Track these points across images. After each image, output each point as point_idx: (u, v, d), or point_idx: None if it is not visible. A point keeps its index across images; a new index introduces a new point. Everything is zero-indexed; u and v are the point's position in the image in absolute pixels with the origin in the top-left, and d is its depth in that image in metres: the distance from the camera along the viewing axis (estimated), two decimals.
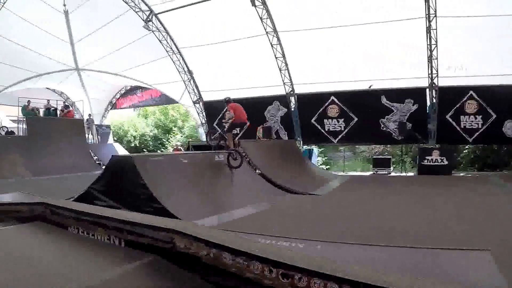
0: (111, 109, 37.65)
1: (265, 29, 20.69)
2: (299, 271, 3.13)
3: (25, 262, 4.71)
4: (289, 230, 7.56)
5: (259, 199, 12.01)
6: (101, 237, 5.18)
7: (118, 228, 4.88)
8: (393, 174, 22.00)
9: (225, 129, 14.75)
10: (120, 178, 10.29)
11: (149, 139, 42.01)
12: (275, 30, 20.67)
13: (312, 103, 22.74)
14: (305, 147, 23.87)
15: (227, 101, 15.16)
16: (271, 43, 21.16)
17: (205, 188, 11.19)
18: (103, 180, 10.80)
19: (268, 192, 13.20)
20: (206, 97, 26.27)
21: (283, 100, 23.49)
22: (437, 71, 19.57)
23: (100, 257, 4.53)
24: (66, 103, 32.01)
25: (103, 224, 5.11)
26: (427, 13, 17.89)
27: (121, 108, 38.83)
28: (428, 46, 18.94)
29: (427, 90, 20.39)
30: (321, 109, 22.41)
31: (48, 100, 28.74)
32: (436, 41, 18.65)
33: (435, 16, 17.86)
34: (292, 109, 23.47)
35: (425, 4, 17.60)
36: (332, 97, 21.97)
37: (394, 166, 24.08)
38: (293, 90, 22.85)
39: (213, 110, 26.09)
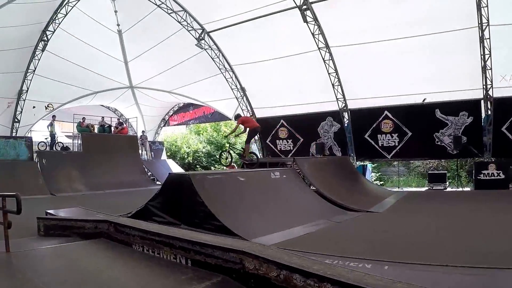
0: (164, 126, 38.19)
1: (317, 45, 20.56)
2: None
3: (92, 278, 4.77)
4: (352, 250, 7.40)
5: (316, 217, 11.82)
6: (167, 256, 5.21)
7: (185, 248, 4.89)
8: (448, 189, 21.47)
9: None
10: (178, 196, 10.33)
11: (202, 155, 42.21)
12: (327, 46, 20.53)
13: (365, 119, 22.43)
14: (358, 163, 23.57)
15: (236, 116, 17.26)
16: (323, 59, 21.00)
17: (262, 205, 11.11)
18: (161, 197, 10.86)
19: (325, 210, 12.98)
20: (259, 114, 26.17)
21: (336, 116, 23.21)
22: (491, 81, 18.99)
23: (168, 275, 4.55)
24: (120, 120, 32.54)
25: (170, 244, 5.14)
26: (479, 22, 17.43)
27: (174, 125, 39.35)
28: (482, 56, 18.42)
29: (482, 101, 19.79)
30: (374, 124, 22.07)
31: (103, 117, 29.44)
32: (490, 51, 18.13)
33: (488, 25, 17.40)
34: (345, 125, 23.14)
35: (477, 13, 17.18)
36: (386, 112, 21.64)
37: (449, 181, 23.51)
38: (346, 105, 22.59)
39: (266, 126, 25.69)
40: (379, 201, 16.12)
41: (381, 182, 29.77)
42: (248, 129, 16.56)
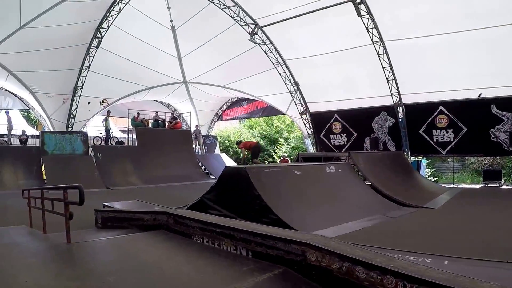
0: (217, 120, 38.54)
1: (371, 39, 20.30)
2: (435, 287, 3.02)
3: (154, 268, 4.84)
4: (409, 245, 7.32)
5: (371, 212, 11.74)
6: (228, 247, 5.24)
7: (247, 240, 4.91)
8: (504, 186, 20.93)
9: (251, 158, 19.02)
10: (234, 189, 10.41)
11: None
12: (381, 40, 20.24)
13: (420, 113, 22.05)
14: (413, 158, 23.24)
15: (237, 142, 19.96)
16: (377, 53, 20.70)
17: (317, 200, 11.08)
18: (217, 190, 10.96)
19: (380, 205, 12.86)
20: (313, 108, 26.08)
21: (390, 110, 22.90)
22: None
23: (229, 266, 4.58)
24: (174, 115, 32.97)
25: (231, 235, 5.17)
26: None
27: (227, 120, 39.65)
28: None
29: None
30: (429, 119, 21.66)
31: (157, 112, 29.93)
32: None
33: None
34: (400, 120, 22.81)
35: None
36: (441, 107, 21.19)
37: (505, 178, 22.96)
38: (400, 100, 22.24)
39: (320, 121, 26.00)
40: (434, 197, 15.93)
41: (435, 179, 29.27)
42: (251, 149, 19.11)
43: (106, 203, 11.68)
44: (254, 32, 22.86)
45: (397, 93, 21.97)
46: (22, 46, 22.24)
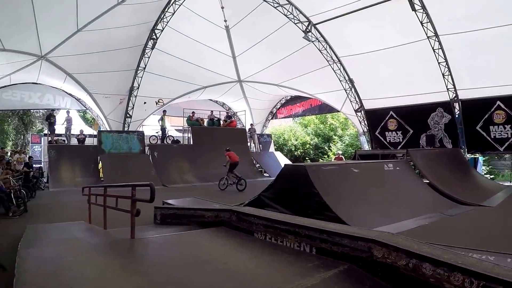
0: (271, 118, 38.48)
1: (426, 34, 19.95)
2: (503, 284, 3.01)
3: (220, 263, 4.92)
4: (470, 242, 7.23)
5: (429, 209, 11.64)
6: (291, 244, 5.29)
7: (311, 236, 4.96)
8: None
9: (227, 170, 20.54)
10: (292, 187, 10.46)
11: (310, 148, 42.28)
12: (436, 34, 19.86)
13: (477, 109, 21.48)
14: (469, 155, 22.79)
15: (227, 150, 21.42)
16: (432, 48, 20.35)
17: (375, 197, 11.04)
18: (274, 187, 11.04)
19: (437, 203, 12.74)
20: (368, 105, 25.86)
21: (447, 106, 22.46)
22: None
23: (294, 263, 4.63)
24: (229, 114, 33.24)
25: (295, 232, 5.22)
26: None
27: (281, 118, 39.60)
28: None
29: None
30: (486, 115, 21.12)
31: (212, 111, 30.12)
32: None
33: None
34: (456, 116, 22.33)
35: None
36: (498, 102, 20.60)
37: None
38: (456, 95, 21.77)
39: (375, 118, 25.78)
40: (491, 195, 15.66)
41: (492, 176, 28.57)
42: (229, 162, 20.46)
43: (165, 200, 11.93)
44: (307, 30, 22.82)
45: (453, 89, 21.53)
46: (79, 49, 22.90)
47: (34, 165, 23.26)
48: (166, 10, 23.64)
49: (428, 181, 14.41)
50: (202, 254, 5.53)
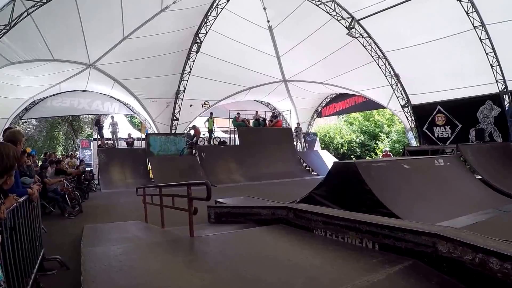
0: (316, 117, 38.36)
1: (472, 24, 19.56)
2: None
3: (284, 260, 4.95)
4: None
5: (484, 205, 11.43)
6: (353, 240, 5.29)
7: (373, 232, 4.95)
8: None
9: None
10: (343, 184, 10.46)
11: (356, 145, 42.05)
12: (482, 24, 19.45)
13: None
14: None
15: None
16: (479, 38, 19.91)
17: (427, 194, 10.93)
18: (326, 185, 11.06)
19: (492, 199, 12.49)
20: (414, 100, 25.52)
21: (496, 99, 21.83)
22: None
23: (358, 259, 4.63)
24: (274, 113, 33.35)
25: (356, 228, 5.22)
26: None
27: (326, 116, 39.49)
28: None
29: None
30: None
31: (256, 112, 30.26)
32: None
33: None
34: (506, 109, 21.68)
35: None
36: None
37: None
38: (506, 87, 21.13)
39: (422, 113, 25.38)
40: None
41: None
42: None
43: (218, 199, 12.07)
44: (351, 26, 22.72)
45: (502, 80, 20.95)
46: (126, 55, 23.51)
47: (85, 168, 23.79)
48: (209, 14, 24.00)
49: (480, 177, 14.17)
50: (265, 250, 5.58)
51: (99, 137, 27.88)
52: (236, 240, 6.58)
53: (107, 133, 28.33)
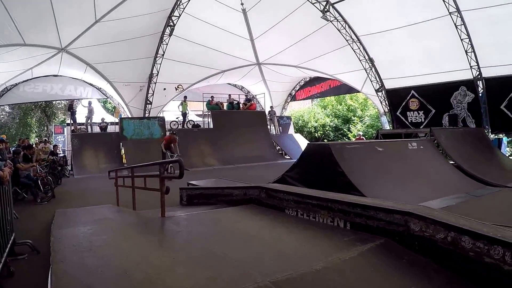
0: (290, 100, 38.43)
1: (448, 10, 19.57)
2: None
3: (255, 238, 4.95)
4: (500, 222, 7.13)
5: (455, 190, 11.57)
6: (324, 219, 5.27)
7: (345, 211, 4.93)
8: None
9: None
10: (316, 166, 10.49)
11: (329, 129, 42.17)
12: (458, 10, 19.48)
13: (502, 87, 20.89)
14: (493, 136, 22.44)
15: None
16: (455, 24, 19.95)
17: (400, 176, 11.04)
18: (298, 167, 11.10)
19: (463, 183, 12.65)
20: (388, 85, 25.56)
21: (470, 85, 21.97)
22: None
23: (330, 237, 4.63)
24: (248, 97, 33.39)
25: (328, 207, 5.19)
26: None
27: (300, 100, 39.56)
28: None
29: None
30: (511, 94, 20.83)
31: (229, 95, 30.24)
32: None
33: None
34: (480, 95, 21.85)
35: None
36: None
37: None
38: (480, 73, 21.29)
39: (396, 98, 25.48)
40: None
41: None
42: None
43: (190, 182, 12.00)
44: (325, 9, 22.58)
45: (477, 66, 21.10)
46: (98, 39, 23.16)
47: (59, 154, 23.57)
48: None
49: (453, 161, 14.29)
50: (236, 229, 5.62)
51: (72, 122, 27.59)
52: (207, 219, 6.59)
53: (80, 118, 28.06)
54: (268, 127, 31.55)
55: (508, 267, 3.17)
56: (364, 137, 28.09)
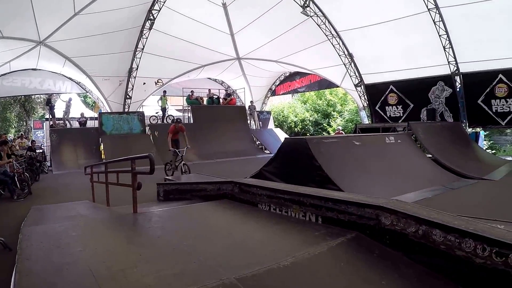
0: (270, 95, 38.52)
1: (427, 6, 19.76)
2: None
3: (225, 234, 4.93)
4: (474, 214, 7.17)
5: (432, 183, 11.68)
6: (296, 214, 5.25)
7: (317, 205, 4.91)
8: None
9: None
10: (293, 160, 10.50)
11: (309, 124, 42.31)
12: (436, 6, 19.67)
13: (479, 83, 21.23)
14: (470, 130, 22.69)
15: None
16: (433, 20, 20.15)
17: (377, 170, 11.09)
18: (276, 161, 11.09)
19: (440, 176, 12.79)
20: (368, 80, 25.70)
21: (448, 80, 22.27)
22: None
23: (300, 232, 4.62)
24: (228, 92, 33.34)
25: (300, 201, 5.17)
26: None
27: (281, 95, 39.63)
28: None
29: None
30: (488, 89, 20.92)
31: (209, 90, 30.16)
32: None
33: None
34: (458, 90, 22.15)
35: None
36: (500, 75, 20.38)
37: None
38: (458, 69, 21.56)
39: (375, 93, 25.68)
40: (493, 169, 15.61)
41: (493, 151, 28.51)
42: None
43: (167, 177, 11.96)
44: (305, 5, 22.59)
45: (454, 62, 21.35)
46: (78, 32, 22.87)
47: (37, 150, 23.30)
48: None
49: (430, 155, 14.40)
50: (207, 225, 5.61)
51: (50, 117, 27.21)
52: (179, 215, 6.58)
53: (59, 113, 27.77)
54: (248, 122, 31.62)
55: (479, 260, 3.16)
56: (343, 132, 28.22)
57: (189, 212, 6.71)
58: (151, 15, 24.35)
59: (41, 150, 24.78)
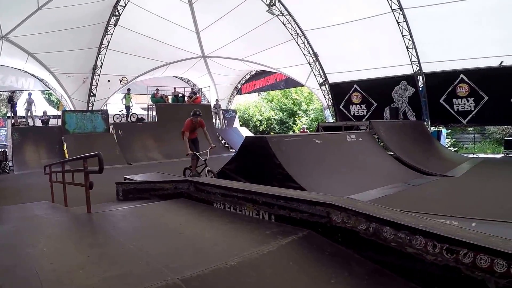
0: (236, 94, 38.54)
1: (391, 7, 20.00)
2: (466, 246, 2.93)
3: (176, 233, 4.87)
4: (433, 209, 7.22)
5: (393, 180, 11.78)
6: (250, 212, 5.22)
7: (269, 203, 4.89)
8: None
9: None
10: (255, 159, 10.51)
11: (275, 122, 42.45)
12: (400, 7, 19.93)
13: (440, 82, 21.72)
14: (433, 128, 23.04)
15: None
16: (397, 21, 20.41)
17: (338, 168, 11.15)
18: (238, 160, 11.10)
19: (402, 173, 12.92)
20: (332, 79, 25.90)
21: (410, 79, 22.65)
22: None
23: (252, 230, 4.58)
24: (193, 90, 33.18)
25: (253, 200, 5.14)
26: None
27: (246, 93, 39.66)
28: None
29: None
30: (449, 88, 21.35)
31: (175, 88, 30.00)
32: None
33: None
34: (420, 89, 22.55)
35: None
36: (462, 75, 20.82)
37: None
38: (420, 69, 21.95)
39: (339, 92, 25.91)
40: (455, 166, 15.95)
41: (455, 149, 28.92)
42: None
43: (126, 176, 11.79)
44: (271, 3, 22.60)
45: (417, 62, 21.73)
46: (41, 27, 22.31)
47: None
48: None
49: (392, 153, 14.52)
50: (159, 225, 5.51)
51: (12, 115, 26.68)
52: (133, 215, 6.51)
53: (21, 111, 27.26)
54: (214, 120, 31.65)
55: (431, 257, 3.16)
56: (308, 130, 28.35)
57: (143, 211, 6.66)
58: (116, 10, 24.01)
59: (1, 150, 24.32)
